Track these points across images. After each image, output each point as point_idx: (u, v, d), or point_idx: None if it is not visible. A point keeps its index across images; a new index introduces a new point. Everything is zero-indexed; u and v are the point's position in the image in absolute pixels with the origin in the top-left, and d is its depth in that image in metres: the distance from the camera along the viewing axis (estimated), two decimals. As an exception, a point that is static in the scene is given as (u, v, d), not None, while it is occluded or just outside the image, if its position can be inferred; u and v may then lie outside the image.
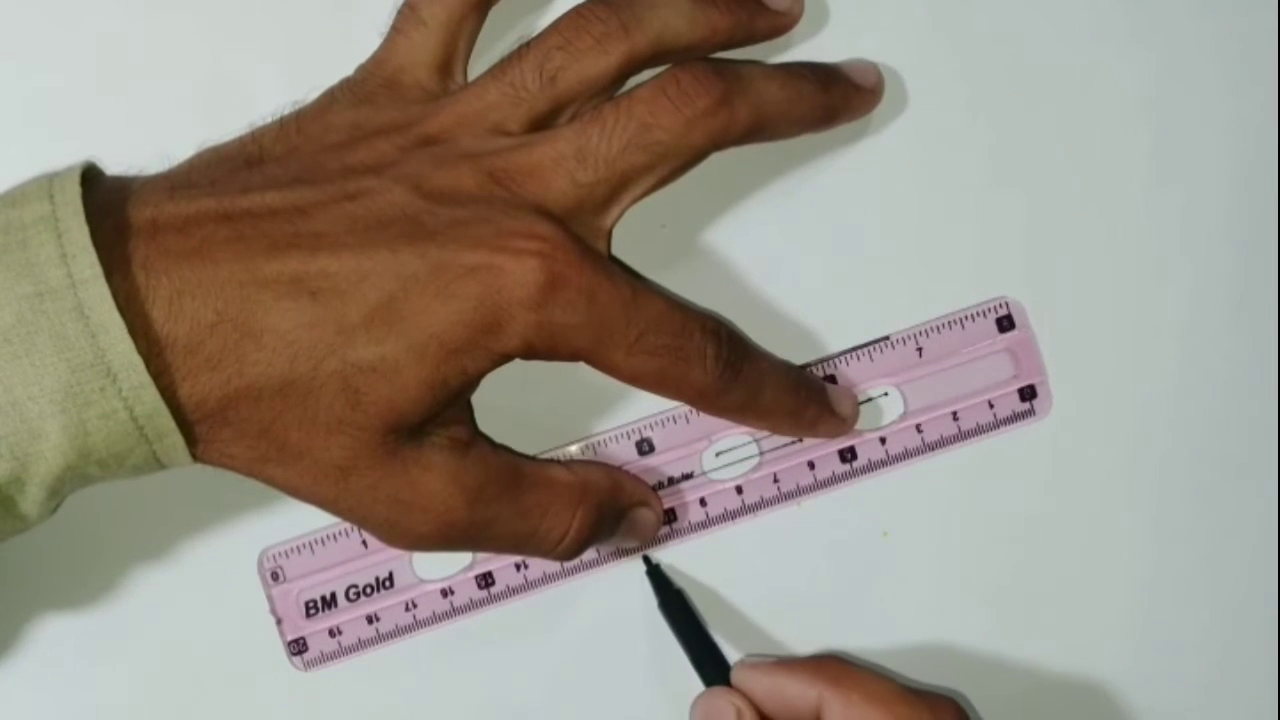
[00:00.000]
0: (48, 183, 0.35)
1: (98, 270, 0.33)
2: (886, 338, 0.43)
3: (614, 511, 0.41)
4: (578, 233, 0.37)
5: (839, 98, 0.41)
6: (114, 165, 0.38)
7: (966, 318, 0.43)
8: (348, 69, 0.40)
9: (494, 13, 0.40)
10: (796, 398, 0.41)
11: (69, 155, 0.37)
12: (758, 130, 0.39)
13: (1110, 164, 0.43)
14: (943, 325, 0.43)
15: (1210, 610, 0.44)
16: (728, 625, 0.43)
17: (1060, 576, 0.44)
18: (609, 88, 0.38)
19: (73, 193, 0.34)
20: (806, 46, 0.42)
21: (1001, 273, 0.43)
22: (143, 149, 0.38)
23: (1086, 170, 0.43)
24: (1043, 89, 0.43)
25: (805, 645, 0.43)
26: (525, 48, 0.38)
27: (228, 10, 0.42)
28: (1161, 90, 0.43)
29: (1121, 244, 0.43)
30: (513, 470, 0.39)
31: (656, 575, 0.43)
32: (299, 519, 0.42)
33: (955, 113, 0.43)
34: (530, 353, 0.36)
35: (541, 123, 0.38)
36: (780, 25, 0.41)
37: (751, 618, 0.43)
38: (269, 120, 0.39)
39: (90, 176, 0.36)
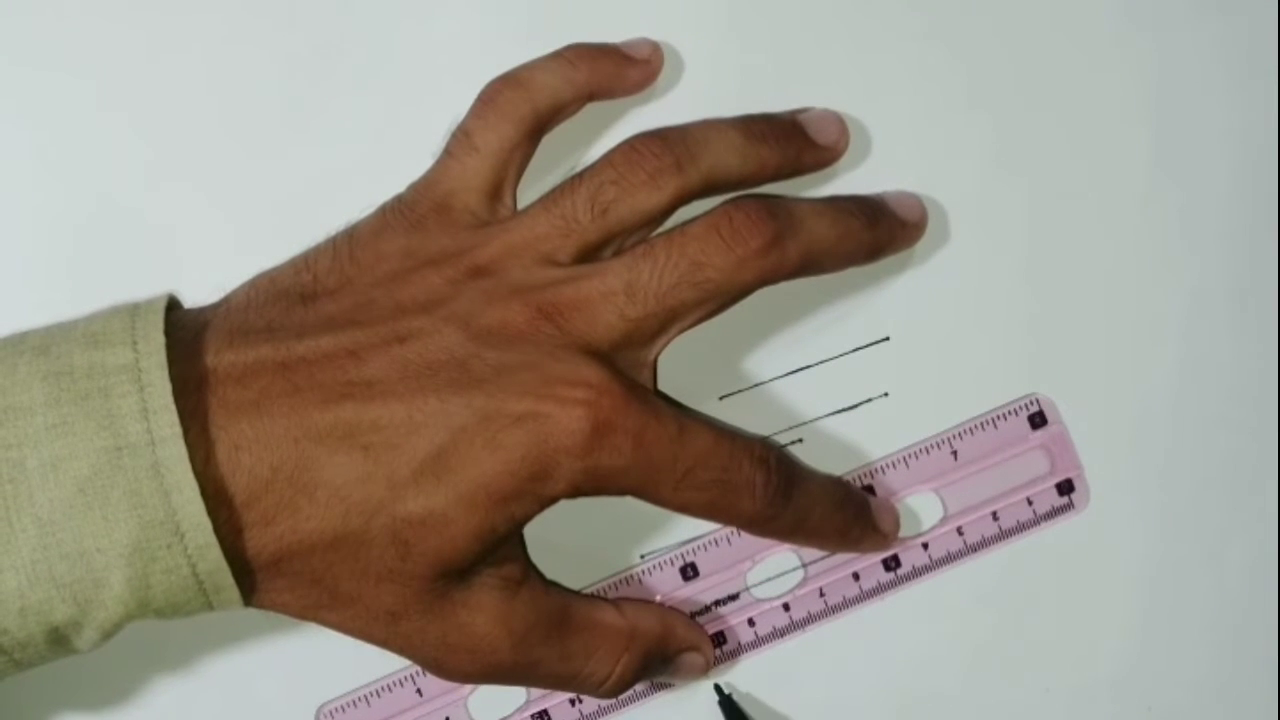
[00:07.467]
0: (130, 320, 0.35)
1: (177, 430, 0.33)
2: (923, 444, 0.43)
3: (661, 656, 0.41)
4: (623, 366, 0.37)
5: (885, 234, 0.41)
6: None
7: (999, 417, 0.43)
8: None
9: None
10: (844, 516, 0.41)
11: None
12: (806, 268, 0.39)
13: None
14: (975, 427, 0.43)
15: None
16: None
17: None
18: (659, 220, 0.39)
19: (157, 342, 0.35)
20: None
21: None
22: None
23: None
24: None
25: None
26: (578, 179, 0.39)
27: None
28: (1161, 90, 0.43)
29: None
30: (562, 611, 0.39)
31: (729, 707, 0.43)
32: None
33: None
34: (577, 494, 0.37)
35: (591, 253, 0.38)
36: (826, 159, 0.41)
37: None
38: (321, 241, 0.39)
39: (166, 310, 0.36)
